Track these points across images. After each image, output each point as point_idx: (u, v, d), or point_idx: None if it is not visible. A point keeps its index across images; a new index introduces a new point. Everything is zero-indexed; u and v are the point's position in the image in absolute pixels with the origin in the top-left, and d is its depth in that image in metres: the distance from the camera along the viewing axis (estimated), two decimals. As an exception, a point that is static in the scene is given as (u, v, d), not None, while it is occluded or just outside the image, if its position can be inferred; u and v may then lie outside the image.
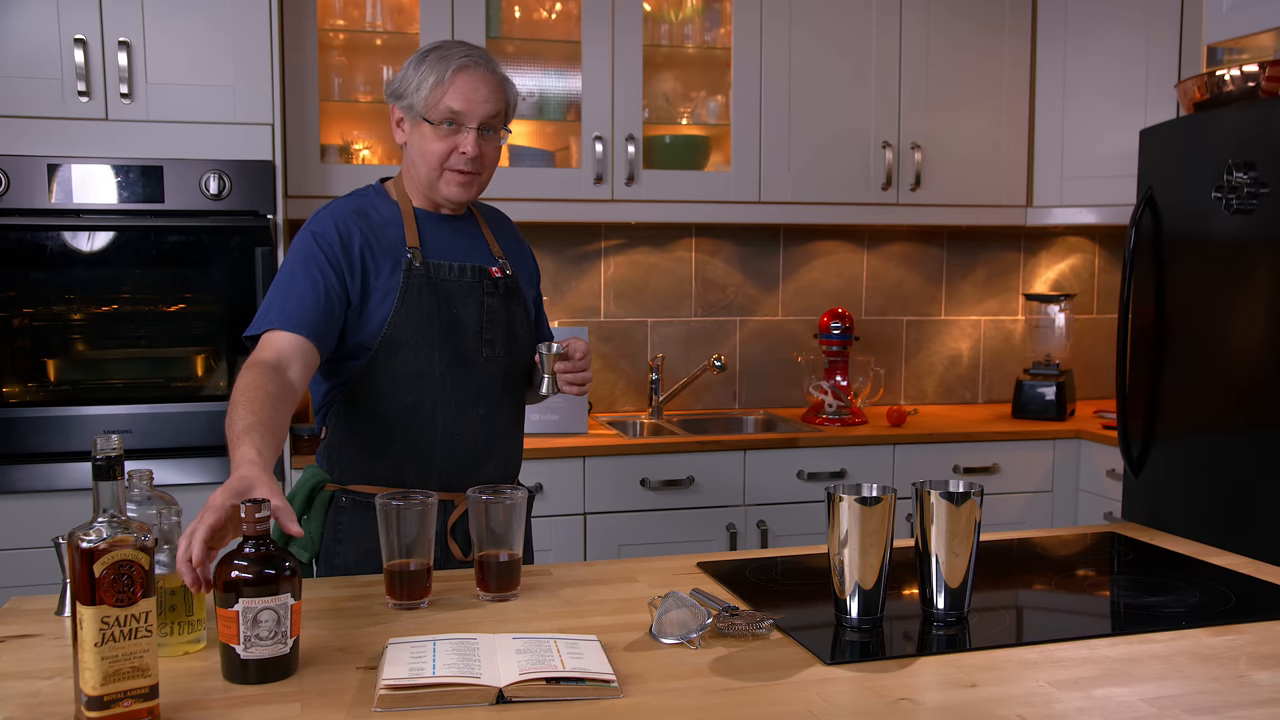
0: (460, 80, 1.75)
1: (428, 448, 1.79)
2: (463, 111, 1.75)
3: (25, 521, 2.56)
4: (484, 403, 1.83)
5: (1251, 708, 1.16)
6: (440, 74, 1.75)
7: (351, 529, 1.79)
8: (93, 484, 1.12)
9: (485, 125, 1.78)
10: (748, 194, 3.25)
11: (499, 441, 1.86)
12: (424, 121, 1.77)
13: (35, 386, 2.64)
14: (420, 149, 1.78)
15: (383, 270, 1.76)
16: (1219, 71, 2.55)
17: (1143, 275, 2.73)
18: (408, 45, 3.11)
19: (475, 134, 1.76)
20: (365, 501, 1.77)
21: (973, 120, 3.41)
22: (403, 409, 1.78)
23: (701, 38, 3.34)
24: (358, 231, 1.77)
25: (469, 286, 1.81)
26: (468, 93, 1.75)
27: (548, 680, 1.17)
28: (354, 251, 1.75)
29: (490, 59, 1.82)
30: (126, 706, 1.09)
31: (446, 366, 1.78)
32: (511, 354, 1.86)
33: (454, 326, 1.79)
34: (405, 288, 1.75)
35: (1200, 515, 2.52)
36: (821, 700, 1.18)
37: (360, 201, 1.84)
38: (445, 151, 1.77)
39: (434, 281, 1.78)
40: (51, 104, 2.57)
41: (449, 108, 1.75)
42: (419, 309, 1.76)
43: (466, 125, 1.76)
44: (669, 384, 3.50)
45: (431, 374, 1.77)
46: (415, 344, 1.76)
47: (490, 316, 1.83)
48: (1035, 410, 3.43)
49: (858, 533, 1.36)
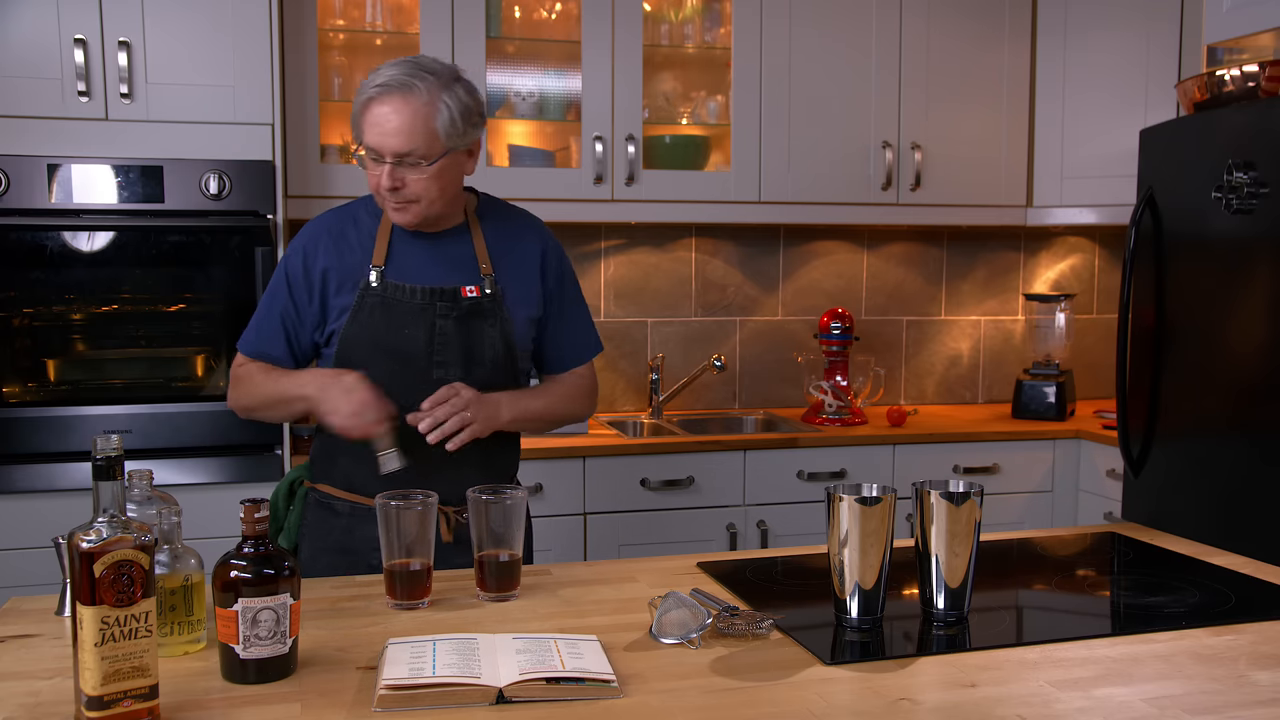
0: (371, 114, 1.70)
1: (372, 463, 1.75)
2: (375, 146, 1.71)
3: (25, 521, 2.56)
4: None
5: (1251, 708, 1.16)
6: (358, 105, 1.73)
7: (312, 525, 1.87)
8: (93, 484, 1.12)
9: (403, 159, 1.70)
10: (748, 194, 3.25)
11: (454, 462, 1.76)
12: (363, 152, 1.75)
13: (35, 386, 2.64)
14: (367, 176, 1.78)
15: (344, 290, 1.80)
16: (1219, 71, 2.55)
17: (1143, 275, 2.73)
18: (408, 45, 3.11)
19: (390, 168, 1.71)
20: (324, 502, 1.86)
21: (973, 120, 3.41)
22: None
23: (701, 38, 3.34)
24: (324, 253, 1.82)
25: (420, 308, 1.79)
26: (377, 126, 1.70)
27: (548, 680, 1.17)
28: (315, 276, 1.82)
29: (415, 81, 1.69)
30: (126, 706, 1.09)
31: (391, 387, 1.74)
32: (471, 376, 1.80)
33: (402, 348, 1.79)
34: (357, 308, 1.79)
35: (1200, 515, 2.52)
36: (821, 700, 1.18)
37: (344, 217, 1.87)
38: (375, 182, 1.74)
39: (388, 302, 1.79)
40: (51, 104, 2.57)
41: (367, 143, 1.72)
42: (367, 330, 1.79)
43: (382, 159, 1.71)
44: (669, 384, 3.50)
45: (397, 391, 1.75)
46: (361, 364, 1.76)
47: (442, 339, 1.80)
48: (1035, 410, 3.43)
49: (858, 533, 1.36)
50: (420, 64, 1.73)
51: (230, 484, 2.67)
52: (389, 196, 1.74)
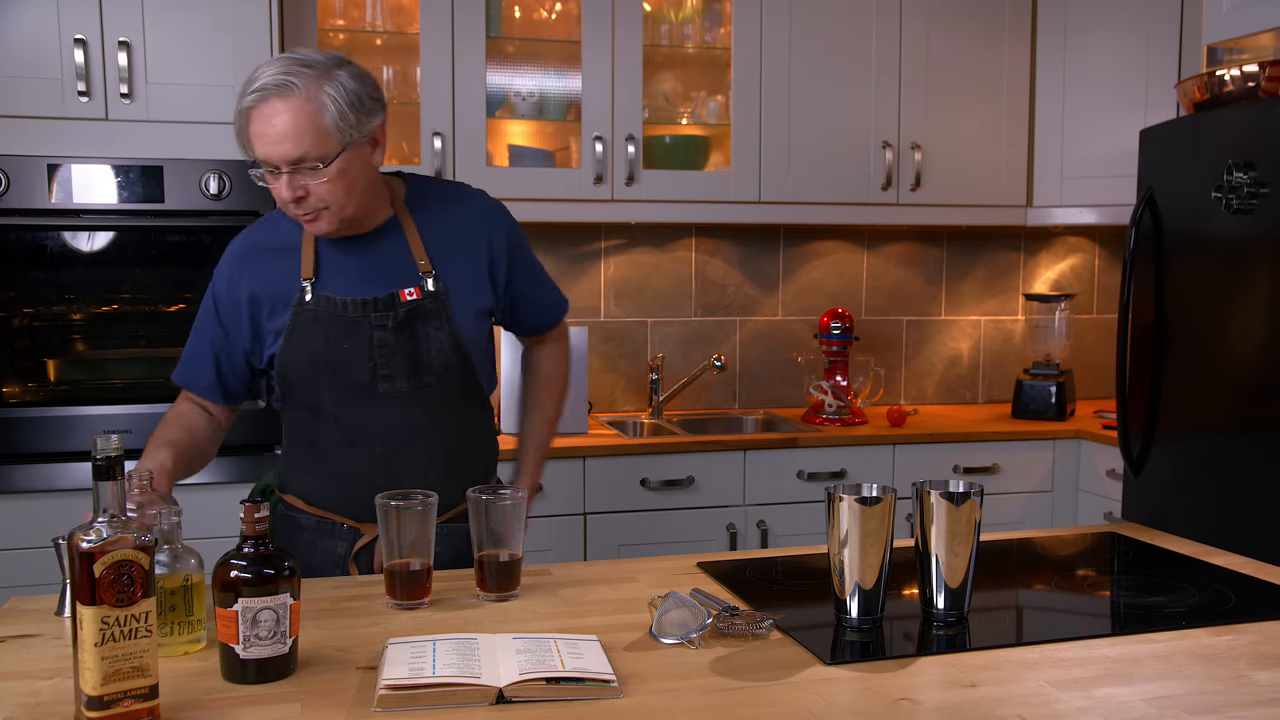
0: (253, 125, 1.56)
1: (328, 479, 1.74)
2: (265, 158, 1.57)
3: (25, 521, 2.56)
4: (383, 441, 1.72)
5: (1251, 708, 1.16)
6: (240, 120, 1.58)
7: (281, 536, 1.78)
8: (93, 484, 1.12)
9: (299, 165, 1.56)
10: (748, 194, 3.25)
11: (407, 479, 1.68)
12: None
13: (35, 386, 2.64)
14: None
15: (277, 311, 1.71)
16: (1219, 71, 2.55)
17: (1143, 275, 2.73)
18: (408, 45, 3.11)
19: (287, 178, 1.57)
20: (289, 514, 1.81)
21: (973, 120, 3.41)
22: (305, 439, 1.77)
23: (701, 38, 3.34)
24: (247, 278, 1.72)
25: (353, 321, 1.68)
26: (262, 136, 1.55)
27: (548, 680, 1.17)
28: (242, 300, 1.73)
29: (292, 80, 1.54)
30: (126, 706, 1.09)
31: (337, 404, 1.71)
32: (419, 384, 1.71)
33: (341, 363, 1.69)
34: (292, 326, 1.69)
35: (1200, 515, 2.52)
36: (821, 700, 1.18)
37: (265, 231, 1.77)
38: (277, 196, 1.60)
39: (321, 317, 1.68)
40: (51, 104, 2.57)
41: (258, 156, 1.57)
42: (304, 347, 1.69)
43: (278, 171, 1.57)
44: (669, 384, 3.50)
45: (324, 412, 1.72)
46: (305, 384, 1.71)
47: (382, 350, 1.69)
48: (1035, 410, 3.42)
49: (858, 533, 1.36)
50: (295, 59, 1.58)
51: (230, 484, 2.67)
52: (294, 208, 1.61)
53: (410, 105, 3.10)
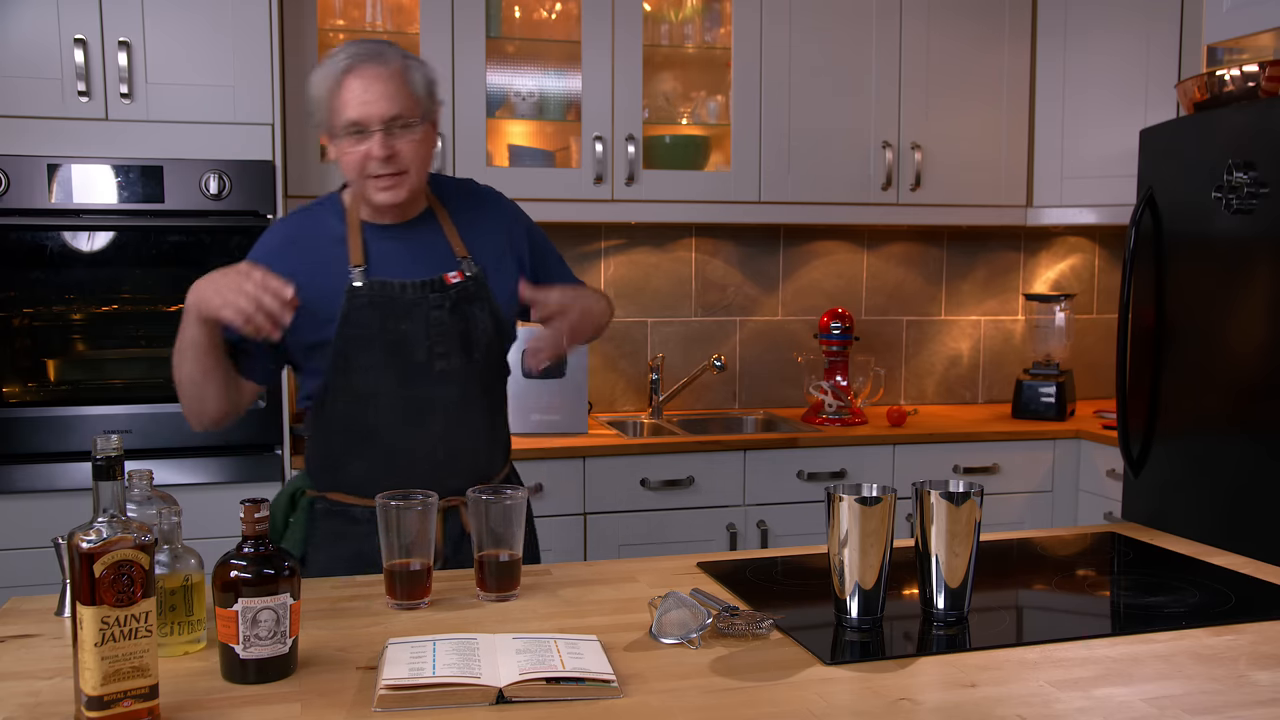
0: (350, 87, 1.67)
1: (386, 463, 1.77)
2: (360, 119, 1.67)
3: (25, 521, 2.56)
4: (442, 418, 1.78)
5: (1251, 708, 1.16)
6: (331, 86, 1.68)
7: (325, 534, 1.81)
8: (93, 484, 1.12)
9: (392, 124, 1.68)
10: (748, 194, 3.25)
11: (462, 454, 1.80)
12: (336, 136, 1.71)
13: (35, 386, 2.64)
14: (342, 163, 1.72)
15: (324, 296, 1.72)
16: (1219, 71, 2.55)
17: (1143, 275, 2.73)
18: (408, 45, 3.09)
19: (382, 135, 1.67)
20: (336, 509, 1.81)
21: (973, 120, 3.41)
22: (360, 427, 1.78)
23: (701, 38, 3.34)
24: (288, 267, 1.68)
25: (412, 303, 1.74)
26: (359, 96, 1.66)
27: (548, 680, 1.17)
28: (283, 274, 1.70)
29: (384, 49, 1.70)
30: (126, 706, 1.09)
31: (396, 385, 1.75)
32: (470, 363, 1.79)
33: (401, 345, 1.74)
34: (347, 310, 1.72)
35: (1200, 515, 2.52)
36: (821, 700, 1.18)
37: (304, 221, 1.81)
38: (361, 160, 1.68)
39: (377, 301, 1.73)
40: (51, 104, 2.57)
41: (349, 119, 1.67)
42: (363, 330, 1.73)
43: (370, 130, 1.67)
44: (669, 384, 3.50)
45: (382, 394, 1.75)
46: (364, 367, 1.74)
47: (439, 330, 1.76)
48: (1035, 410, 3.42)
49: (858, 533, 1.36)
50: (374, 41, 1.73)
51: (230, 484, 2.67)
52: (380, 170, 1.68)
53: (410, 105, 3.10)
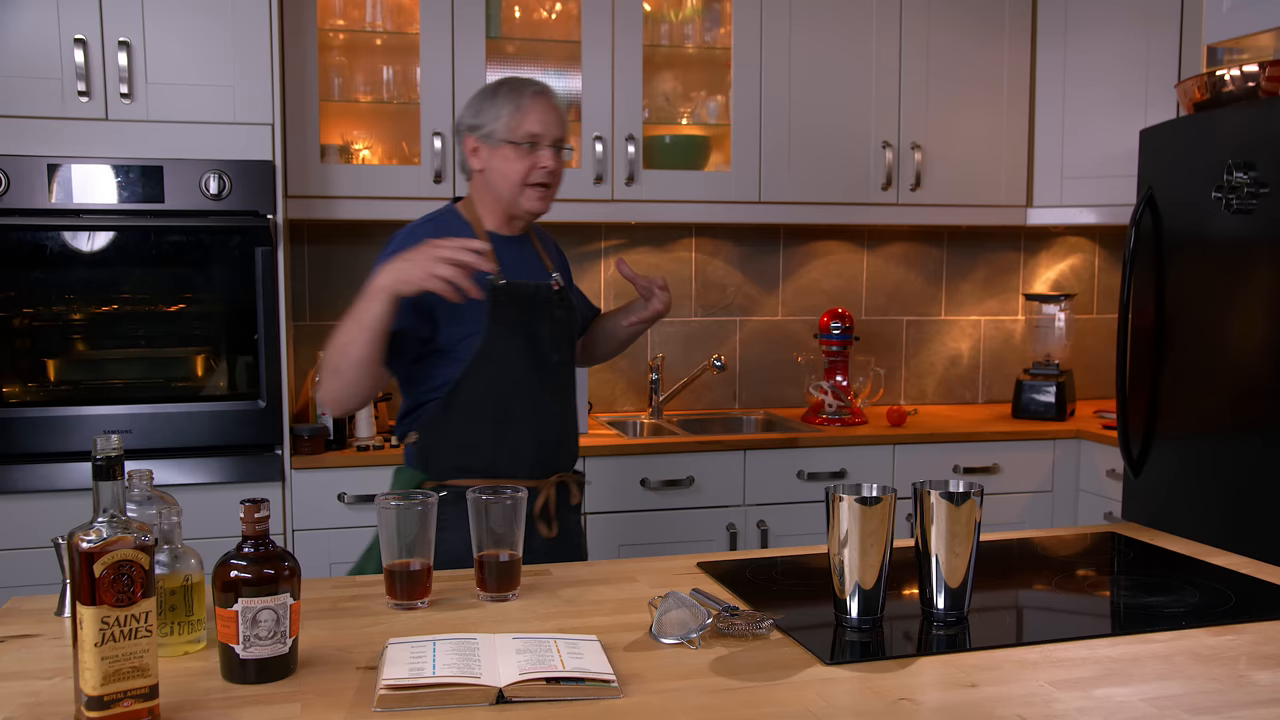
0: (535, 107, 1.97)
1: (516, 445, 1.98)
2: (541, 133, 1.96)
3: (25, 521, 2.56)
4: (557, 402, 2.05)
5: (1251, 708, 1.16)
6: (517, 103, 1.97)
7: (455, 518, 1.88)
8: (93, 484, 1.12)
9: (558, 144, 2.00)
10: (748, 194, 3.25)
11: (569, 434, 2.09)
12: (506, 144, 1.96)
13: (35, 386, 2.64)
14: (501, 170, 1.97)
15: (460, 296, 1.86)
16: (1219, 71, 2.55)
17: (1143, 275, 2.73)
18: (408, 45, 3.11)
19: (551, 152, 1.97)
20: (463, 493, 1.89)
21: (973, 120, 3.41)
22: (496, 413, 1.96)
23: (701, 38, 3.34)
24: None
25: (542, 302, 2.01)
26: (542, 116, 1.97)
27: (548, 680, 1.17)
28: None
29: (550, 89, 2.04)
30: (126, 706, 1.09)
31: (529, 373, 1.99)
32: (571, 357, 2.10)
33: (533, 338, 1.99)
34: (492, 307, 1.93)
35: (1200, 515, 2.52)
36: (821, 700, 1.18)
37: (436, 229, 1.97)
38: (526, 169, 1.96)
39: (515, 299, 1.97)
40: (51, 104, 2.57)
41: (529, 131, 1.95)
42: (505, 324, 1.95)
43: (543, 144, 1.97)
44: (669, 384, 3.50)
45: (519, 382, 1.98)
46: (504, 357, 1.96)
47: (557, 327, 2.04)
48: (1035, 410, 3.43)
49: (858, 533, 1.36)
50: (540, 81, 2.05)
51: (230, 484, 2.67)
52: (543, 179, 1.97)
53: (410, 105, 3.10)
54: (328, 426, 2.83)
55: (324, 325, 3.30)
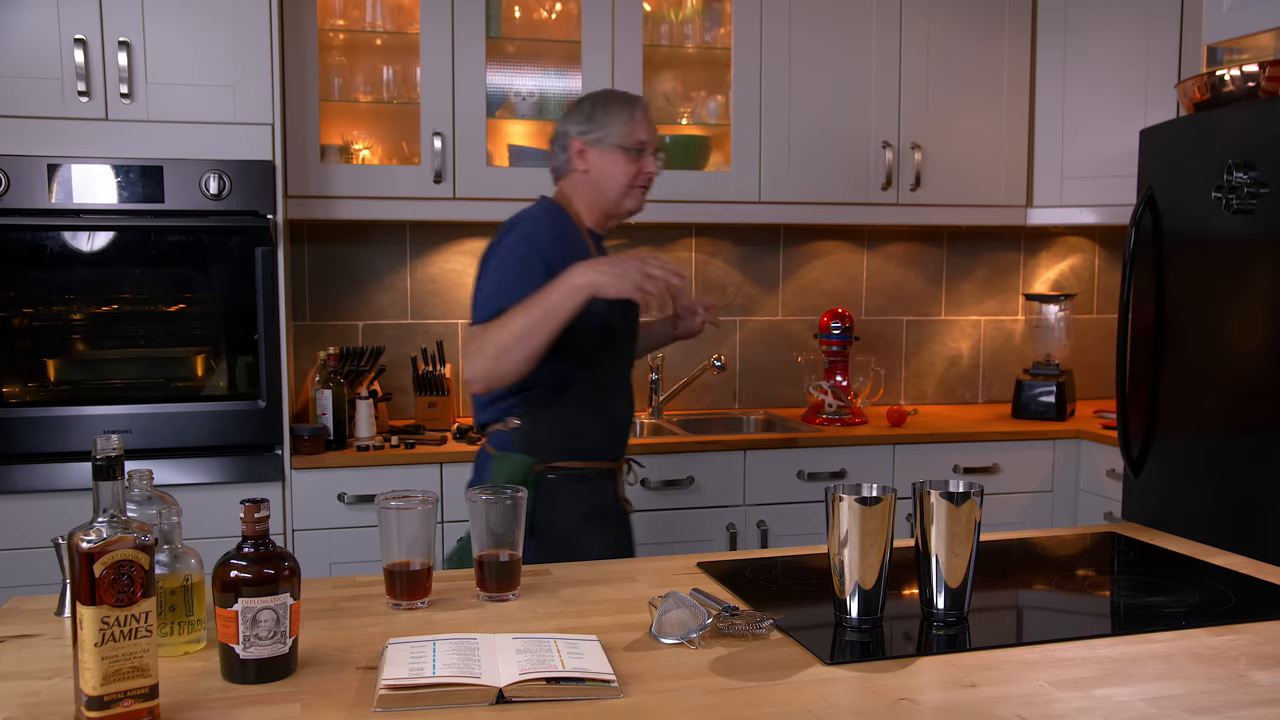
0: (645, 118, 2.18)
1: (613, 430, 2.19)
2: (648, 140, 2.17)
3: (25, 521, 2.56)
4: (631, 390, 2.26)
5: (1251, 708, 1.16)
6: (629, 113, 2.16)
7: (566, 499, 2.10)
8: (93, 484, 1.12)
9: (658, 152, 2.20)
10: (748, 194, 3.25)
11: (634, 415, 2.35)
12: (618, 150, 2.14)
13: (35, 386, 2.64)
14: (610, 173, 2.15)
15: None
16: (1219, 71, 2.55)
17: (1143, 275, 2.73)
18: (408, 45, 3.11)
19: (653, 157, 2.18)
20: (571, 474, 2.12)
21: (973, 120, 3.41)
22: (600, 401, 2.14)
23: (701, 38, 3.34)
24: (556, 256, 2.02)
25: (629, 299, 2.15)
26: (649, 126, 2.18)
27: (548, 680, 1.17)
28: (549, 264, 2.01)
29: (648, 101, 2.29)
30: (126, 706, 1.09)
31: (623, 366, 2.21)
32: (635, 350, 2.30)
33: (625, 330, 2.20)
34: (609, 304, 2.04)
35: (1200, 515, 2.52)
36: (821, 700, 1.18)
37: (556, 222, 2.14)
38: (634, 173, 2.15)
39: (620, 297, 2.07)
40: (51, 104, 2.57)
41: (639, 139, 2.15)
42: (614, 319, 2.12)
43: (648, 150, 2.17)
44: (669, 384, 3.50)
45: (612, 372, 2.17)
46: (611, 349, 2.15)
47: (633, 321, 2.24)
48: (1035, 410, 3.43)
49: (858, 533, 1.36)
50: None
51: (230, 484, 2.67)
52: (646, 182, 2.17)
53: (410, 105, 3.10)
54: (327, 426, 2.83)
55: (324, 325, 3.30)
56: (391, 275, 3.35)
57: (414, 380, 3.18)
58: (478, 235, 3.39)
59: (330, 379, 2.87)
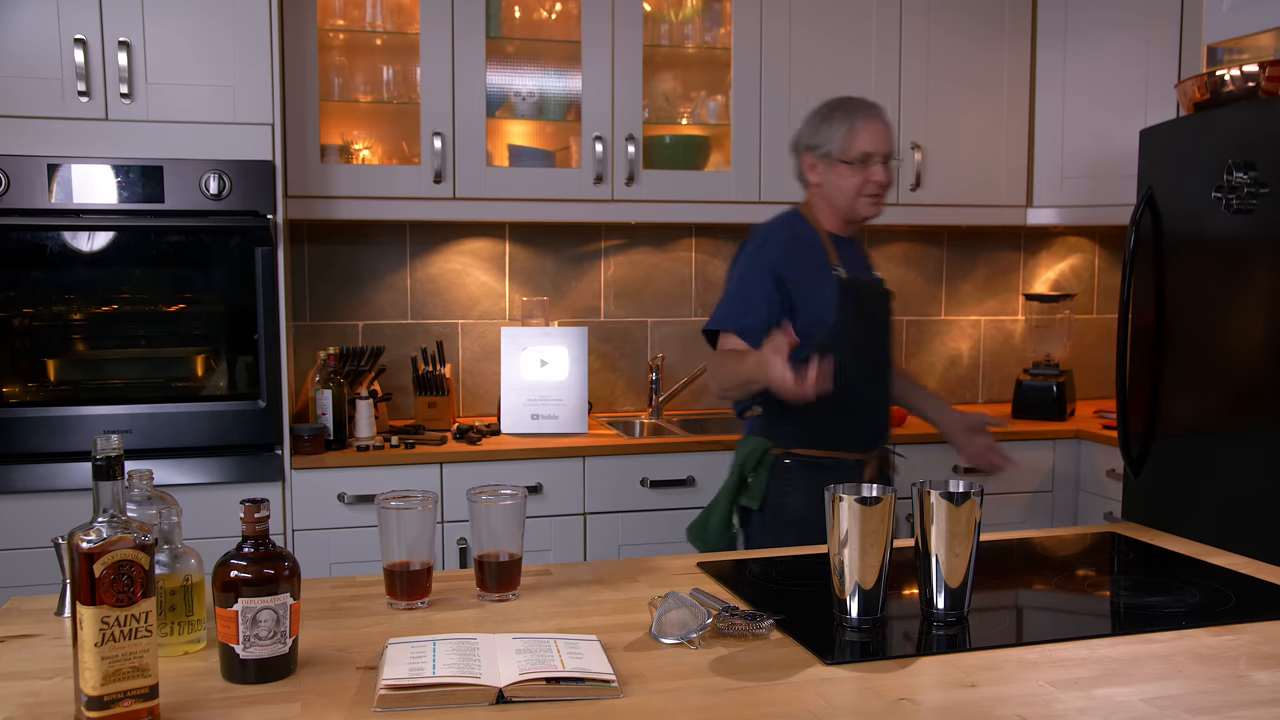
0: (867, 128, 2.22)
1: (852, 423, 2.26)
2: (872, 151, 2.21)
3: (25, 521, 2.56)
4: (882, 386, 2.33)
5: (1251, 708, 1.16)
6: (849, 124, 2.22)
7: (799, 483, 2.25)
8: (93, 484, 1.12)
9: (887, 159, 2.25)
10: (748, 194, 3.25)
11: (887, 418, 2.36)
12: (840, 163, 2.22)
13: (35, 386, 2.64)
14: (838, 185, 2.25)
15: (815, 286, 2.21)
16: (1219, 71, 2.55)
17: (1143, 275, 2.73)
18: (408, 45, 3.11)
19: (883, 166, 2.23)
20: (808, 461, 2.25)
21: (973, 120, 3.41)
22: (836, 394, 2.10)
23: (701, 38, 3.34)
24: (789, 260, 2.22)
25: (879, 296, 2.29)
26: (873, 136, 2.22)
27: (548, 680, 1.17)
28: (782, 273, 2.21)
29: (880, 108, 2.29)
30: (126, 706, 1.09)
31: (865, 359, 2.24)
32: (892, 345, 2.37)
33: (872, 327, 2.27)
34: (841, 300, 2.19)
35: (1200, 515, 2.52)
36: (821, 700, 1.18)
37: (792, 229, 2.28)
38: (860, 184, 2.23)
39: (856, 292, 2.23)
40: (51, 104, 2.57)
41: (861, 150, 2.21)
42: (848, 315, 2.21)
43: (874, 160, 2.22)
44: (669, 384, 3.50)
45: (857, 367, 2.20)
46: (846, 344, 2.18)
47: (885, 318, 2.32)
48: (1035, 410, 3.42)
49: (858, 533, 1.37)
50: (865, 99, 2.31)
51: (230, 484, 2.67)
52: (876, 190, 2.23)
53: (410, 105, 3.10)
54: (327, 426, 2.83)
55: (324, 325, 3.30)
56: (391, 275, 3.35)
57: (414, 380, 3.19)
58: (478, 235, 3.40)
59: (330, 379, 2.87)
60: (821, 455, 2.26)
